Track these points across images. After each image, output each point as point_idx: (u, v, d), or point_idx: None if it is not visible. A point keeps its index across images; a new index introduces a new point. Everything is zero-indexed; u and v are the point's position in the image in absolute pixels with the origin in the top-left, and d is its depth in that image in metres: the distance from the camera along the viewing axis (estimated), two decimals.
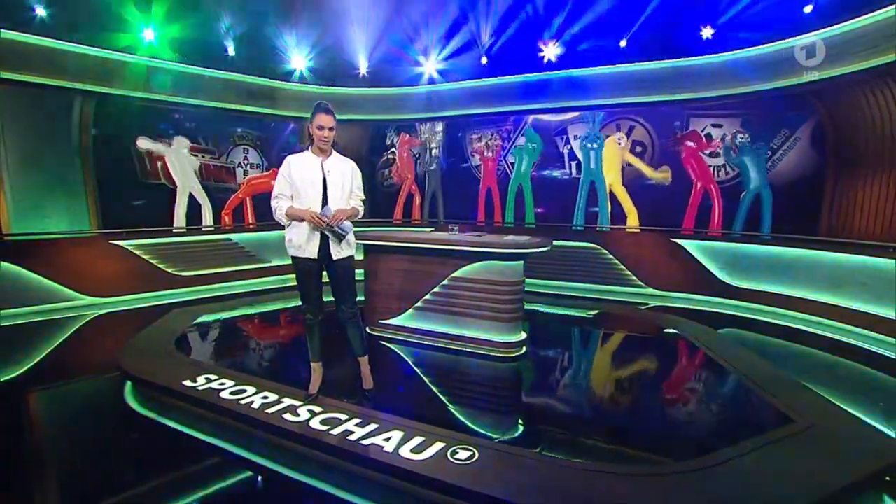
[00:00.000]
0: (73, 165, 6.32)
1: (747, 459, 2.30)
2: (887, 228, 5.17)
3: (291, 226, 2.84)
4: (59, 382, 3.72)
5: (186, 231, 7.15)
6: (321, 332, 3.05)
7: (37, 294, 5.54)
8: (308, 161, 2.83)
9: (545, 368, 4.07)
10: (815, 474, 2.20)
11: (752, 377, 3.48)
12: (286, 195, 2.82)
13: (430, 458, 2.28)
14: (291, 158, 2.84)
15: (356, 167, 2.99)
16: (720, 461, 2.29)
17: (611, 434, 2.91)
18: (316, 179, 2.80)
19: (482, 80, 7.97)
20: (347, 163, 2.94)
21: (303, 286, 2.94)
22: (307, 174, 2.79)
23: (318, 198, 2.79)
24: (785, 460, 2.32)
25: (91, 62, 6.12)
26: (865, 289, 4.88)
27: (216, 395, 3.00)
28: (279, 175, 2.84)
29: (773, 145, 6.37)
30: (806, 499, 2.01)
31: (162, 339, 4.25)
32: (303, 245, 2.81)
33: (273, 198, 2.84)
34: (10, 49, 5.53)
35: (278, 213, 2.83)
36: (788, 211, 6.20)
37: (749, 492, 2.07)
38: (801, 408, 2.88)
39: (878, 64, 4.94)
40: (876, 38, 4.93)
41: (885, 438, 2.65)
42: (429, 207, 8.99)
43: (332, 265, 2.90)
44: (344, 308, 3.02)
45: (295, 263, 2.89)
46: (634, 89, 6.89)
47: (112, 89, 6.34)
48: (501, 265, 3.87)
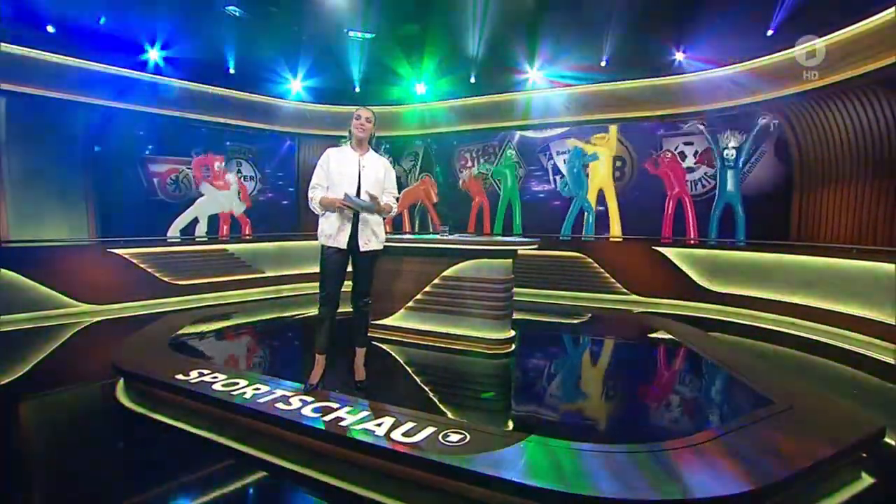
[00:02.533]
0: (73, 175, 6.47)
1: (731, 436, 2.37)
2: (850, 232, 5.53)
3: (325, 215, 2.96)
4: (53, 388, 3.71)
5: (181, 241, 7.31)
6: (333, 325, 3.07)
7: (34, 300, 5.61)
8: (346, 155, 2.97)
9: (537, 365, 4.25)
10: (794, 448, 2.26)
11: (734, 367, 3.62)
12: (322, 185, 2.94)
13: (422, 440, 2.31)
14: (331, 151, 2.99)
15: (390, 166, 3.14)
16: (706, 439, 2.35)
17: (601, 417, 3.10)
18: (352, 173, 2.92)
19: (469, 98, 8.30)
20: (382, 160, 3.09)
21: (327, 275, 2.99)
22: (344, 167, 2.93)
23: (353, 191, 2.89)
24: (766, 436, 2.38)
25: (94, 77, 6.36)
26: (833, 289, 5.19)
27: (209, 387, 3.00)
28: (318, 166, 2.97)
29: (744, 159, 6.79)
30: (788, 469, 2.06)
31: (156, 340, 4.30)
32: (333, 234, 2.92)
33: (311, 188, 2.96)
34: (16, 62, 5.76)
35: (314, 203, 2.94)
36: (760, 218, 6.56)
37: (736, 463, 2.11)
38: (780, 391, 2.99)
39: (836, 81, 5.36)
40: (833, 58, 5.37)
41: (861, 415, 2.75)
42: (418, 222, 9.26)
43: (359, 256, 3.01)
44: (362, 296, 3.14)
45: (323, 252, 2.98)
46: (613, 106, 7.30)
47: (115, 103, 6.57)
48: (491, 263, 4.07)
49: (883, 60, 4.78)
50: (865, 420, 2.62)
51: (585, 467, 2.09)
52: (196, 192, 7.71)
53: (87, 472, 2.47)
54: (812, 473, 2.11)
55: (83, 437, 2.90)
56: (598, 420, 3.14)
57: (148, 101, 6.83)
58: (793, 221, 6.19)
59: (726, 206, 6.78)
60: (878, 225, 5.21)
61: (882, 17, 4.77)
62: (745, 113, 6.50)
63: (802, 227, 6.10)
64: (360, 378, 3.20)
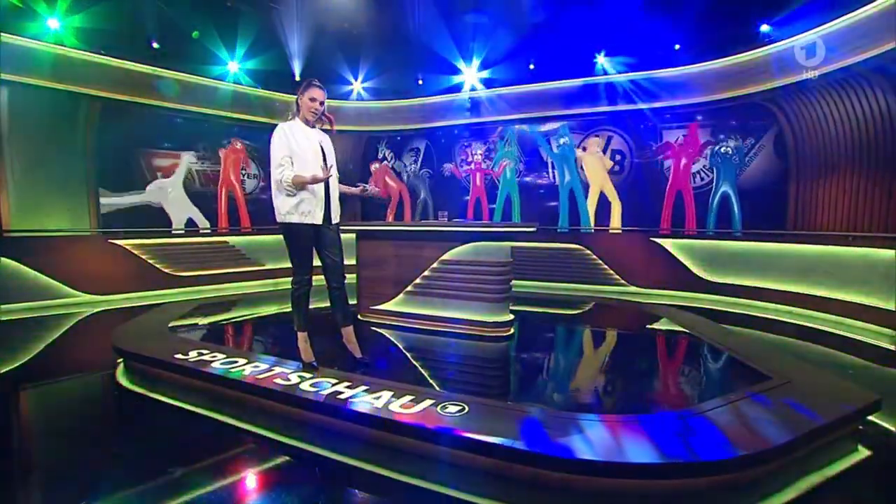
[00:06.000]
0: (76, 166, 6.51)
1: (732, 406, 2.38)
2: (844, 220, 5.57)
3: (298, 195, 2.84)
4: (52, 378, 3.71)
5: (185, 232, 7.34)
6: (309, 302, 3.08)
7: (35, 290, 5.64)
8: (303, 130, 2.91)
9: (536, 347, 4.26)
10: (792, 417, 2.28)
11: (733, 348, 3.64)
12: (289, 163, 2.82)
13: (421, 411, 2.30)
14: (285, 126, 2.87)
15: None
16: (706, 409, 2.35)
17: (603, 393, 3.11)
18: (316, 149, 2.91)
19: (470, 92, 8.38)
20: (326, 135, 3.08)
21: (304, 254, 2.97)
22: (305, 143, 2.87)
23: (319, 165, 2.88)
24: (765, 407, 2.39)
25: (97, 68, 6.41)
26: (829, 277, 5.22)
27: (207, 366, 2.99)
28: (279, 143, 2.82)
29: (742, 151, 6.83)
30: (787, 435, 2.07)
31: (156, 325, 4.30)
32: (313, 210, 2.89)
33: (279, 164, 2.81)
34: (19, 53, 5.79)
35: (285, 183, 2.79)
36: (758, 209, 6.60)
37: (735, 431, 2.12)
38: (778, 368, 3.00)
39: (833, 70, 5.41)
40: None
41: (857, 391, 2.71)
42: (420, 216, 9.28)
43: (329, 230, 3.00)
44: (339, 272, 3.11)
45: (296, 231, 2.89)
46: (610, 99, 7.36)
47: (117, 95, 6.60)
48: (489, 246, 4.09)
49: (874, 50, 4.85)
50: (862, 396, 2.62)
51: (588, 435, 2.09)
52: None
53: (86, 458, 2.47)
54: (811, 440, 2.13)
55: (84, 423, 2.90)
56: (599, 395, 3.13)
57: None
58: (789, 211, 6.23)
59: (724, 196, 6.81)
60: (873, 212, 5.25)
61: (875, 6, 4.83)
62: (744, 105, 6.54)
63: (798, 217, 6.15)
64: (359, 355, 3.20)
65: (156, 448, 2.55)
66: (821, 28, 5.41)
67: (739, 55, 6.32)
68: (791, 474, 2.11)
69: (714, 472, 1.89)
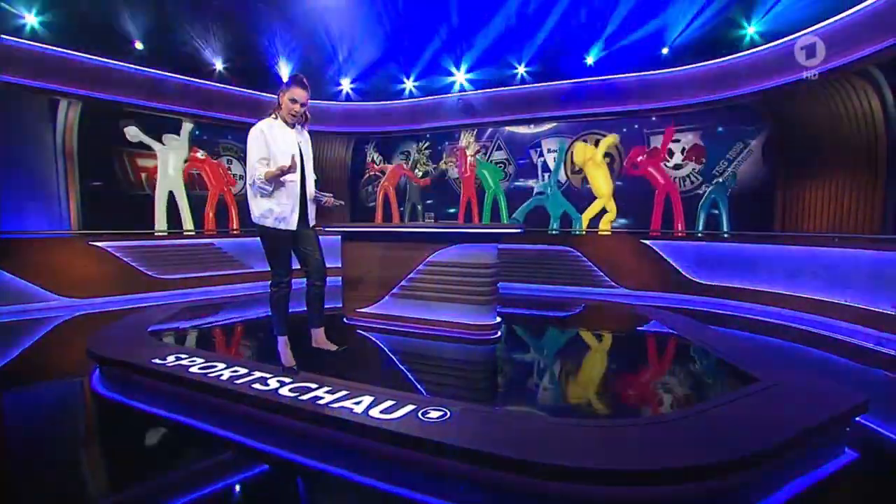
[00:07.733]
0: (56, 167, 6.36)
1: (720, 409, 2.37)
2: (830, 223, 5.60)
3: (273, 198, 2.78)
4: (24, 384, 3.57)
5: (168, 234, 7.20)
6: (288, 306, 3.03)
7: (11, 294, 5.47)
8: (282, 130, 2.82)
9: (522, 350, 4.21)
10: (781, 418, 2.27)
11: (721, 350, 3.62)
12: (266, 162, 2.75)
13: (402, 418, 2.24)
14: (264, 125, 2.78)
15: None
16: (695, 412, 2.34)
17: (588, 396, 3.08)
18: (295, 151, 2.80)
19: (460, 93, 8.36)
20: (307, 135, 2.99)
21: (281, 257, 2.92)
22: (283, 145, 2.78)
23: (297, 167, 2.77)
24: (754, 409, 2.38)
25: (78, 67, 6.27)
26: (816, 278, 5.23)
27: (185, 370, 2.92)
28: (256, 141, 2.75)
29: (730, 156, 6.86)
30: (776, 437, 2.06)
31: (134, 329, 4.17)
32: (287, 216, 2.82)
33: (255, 164, 2.73)
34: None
35: (258, 180, 2.70)
36: (746, 211, 6.62)
37: (724, 433, 2.12)
38: (767, 370, 2.98)
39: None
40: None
41: (845, 392, 2.68)
42: (409, 217, 9.21)
43: (305, 232, 2.95)
44: (320, 273, 3.05)
45: (273, 235, 2.84)
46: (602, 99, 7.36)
47: (98, 93, 6.47)
48: (476, 248, 4.04)
49: (857, 52, 4.88)
50: (849, 397, 2.59)
51: (574, 440, 2.05)
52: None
53: (53, 468, 2.35)
54: (799, 441, 2.11)
55: (55, 431, 2.79)
56: (584, 398, 3.09)
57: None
58: (777, 214, 6.25)
59: (713, 200, 6.84)
60: (857, 213, 5.28)
61: (862, 6, 4.86)
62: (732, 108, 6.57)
63: (787, 218, 6.17)
64: (334, 349, 3.13)
65: (130, 456, 2.46)
66: (805, 31, 5.44)
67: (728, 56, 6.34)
68: (779, 477, 2.08)
69: (702, 477, 1.86)
